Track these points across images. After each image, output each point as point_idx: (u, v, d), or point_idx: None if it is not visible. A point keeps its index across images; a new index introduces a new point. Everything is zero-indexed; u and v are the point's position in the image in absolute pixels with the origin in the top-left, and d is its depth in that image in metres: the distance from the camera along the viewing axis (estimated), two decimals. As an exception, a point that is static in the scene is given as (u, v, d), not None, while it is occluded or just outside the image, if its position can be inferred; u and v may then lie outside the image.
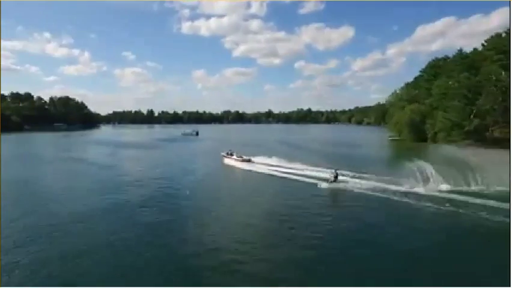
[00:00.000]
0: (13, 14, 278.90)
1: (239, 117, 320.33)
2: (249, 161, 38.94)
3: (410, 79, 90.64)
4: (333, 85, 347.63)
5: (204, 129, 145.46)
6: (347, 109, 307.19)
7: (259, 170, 34.27)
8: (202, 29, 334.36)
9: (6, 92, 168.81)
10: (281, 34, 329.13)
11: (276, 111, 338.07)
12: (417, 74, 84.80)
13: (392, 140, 79.20)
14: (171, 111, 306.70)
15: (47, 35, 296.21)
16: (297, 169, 33.09)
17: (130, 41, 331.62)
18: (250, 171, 34.71)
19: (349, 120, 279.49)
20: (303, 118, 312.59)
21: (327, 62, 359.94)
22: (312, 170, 32.30)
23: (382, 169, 32.31)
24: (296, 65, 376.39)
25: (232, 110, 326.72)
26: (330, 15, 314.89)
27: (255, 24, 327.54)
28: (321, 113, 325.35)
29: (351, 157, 46.76)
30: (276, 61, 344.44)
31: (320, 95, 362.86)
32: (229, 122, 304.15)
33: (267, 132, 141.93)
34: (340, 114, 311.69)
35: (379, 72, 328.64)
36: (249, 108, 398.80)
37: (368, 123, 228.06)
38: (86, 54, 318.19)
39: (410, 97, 76.15)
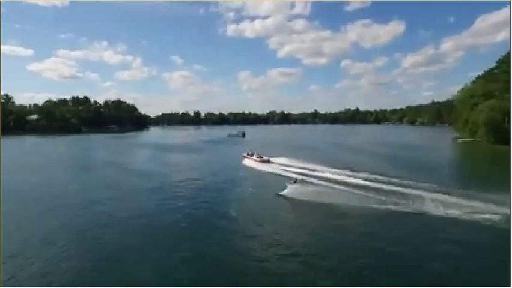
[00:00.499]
0: (78, 26, 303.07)
1: (285, 118, 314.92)
2: (268, 161, 38.57)
3: (470, 74, 79.78)
4: (382, 84, 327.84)
5: (250, 130, 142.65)
6: (397, 108, 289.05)
7: (276, 171, 33.72)
8: (246, 31, 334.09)
9: (67, 96, 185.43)
10: (326, 33, 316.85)
11: (322, 111, 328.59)
12: (483, 68, 73.84)
13: (464, 142, 69.62)
14: (217, 113, 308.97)
15: (104, 43, 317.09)
16: (315, 170, 31.95)
17: (178, 46, 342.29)
18: (267, 172, 34.32)
19: (400, 120, 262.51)
20: (351, 118, 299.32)
21: (374, 60, 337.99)
22: (332, 173, 30.45)
23: (478, 184, 25.79)
24: (342, 64, 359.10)
25: (278, 111, 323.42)
26: (377, 11, 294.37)
27: (299, 24, 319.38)
28: (370, 112, 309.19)
29: (427, 166, 39.28)
30: (322, 60, 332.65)
31: (367, 94, 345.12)
32: (274, 123, 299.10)
33: (316, 133, 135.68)
34: (390, 114, 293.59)
35: (432, 68, 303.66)
36: (294, 109, 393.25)
37: (422, 123, 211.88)
38: (138, 60, 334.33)
39: (486, 92, 66.07)
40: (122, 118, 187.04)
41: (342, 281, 11.46)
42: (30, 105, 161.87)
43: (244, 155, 43.28)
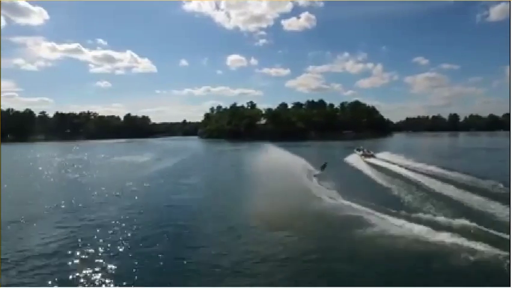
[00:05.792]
0: (323, 42, 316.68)
1: None
2: (371, 156, 40.28)
3: None
4: None
5: None
6: None
7: (377, 163, 34.64)
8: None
9: (302, 101, 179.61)
10: None
11: None
12: None
13: None
14: (485, 115, 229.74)
15: (346, 55, 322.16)
16: (419, 168, 29.07)
17: (422, 46, 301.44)
18: (369, 164, 35.25)
19: None
20: None
21: None
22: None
23: None
24: None
25: None
26: None
27: None
28: None
29: None
30: None
31: None
32: None
33: None
34: None
35: None
36: None
37: None
38: (379, 67, 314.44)
39: None
40: (359, 122, 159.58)
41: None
42: (264, 109, 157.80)
43: (355, 149, 46.20)
